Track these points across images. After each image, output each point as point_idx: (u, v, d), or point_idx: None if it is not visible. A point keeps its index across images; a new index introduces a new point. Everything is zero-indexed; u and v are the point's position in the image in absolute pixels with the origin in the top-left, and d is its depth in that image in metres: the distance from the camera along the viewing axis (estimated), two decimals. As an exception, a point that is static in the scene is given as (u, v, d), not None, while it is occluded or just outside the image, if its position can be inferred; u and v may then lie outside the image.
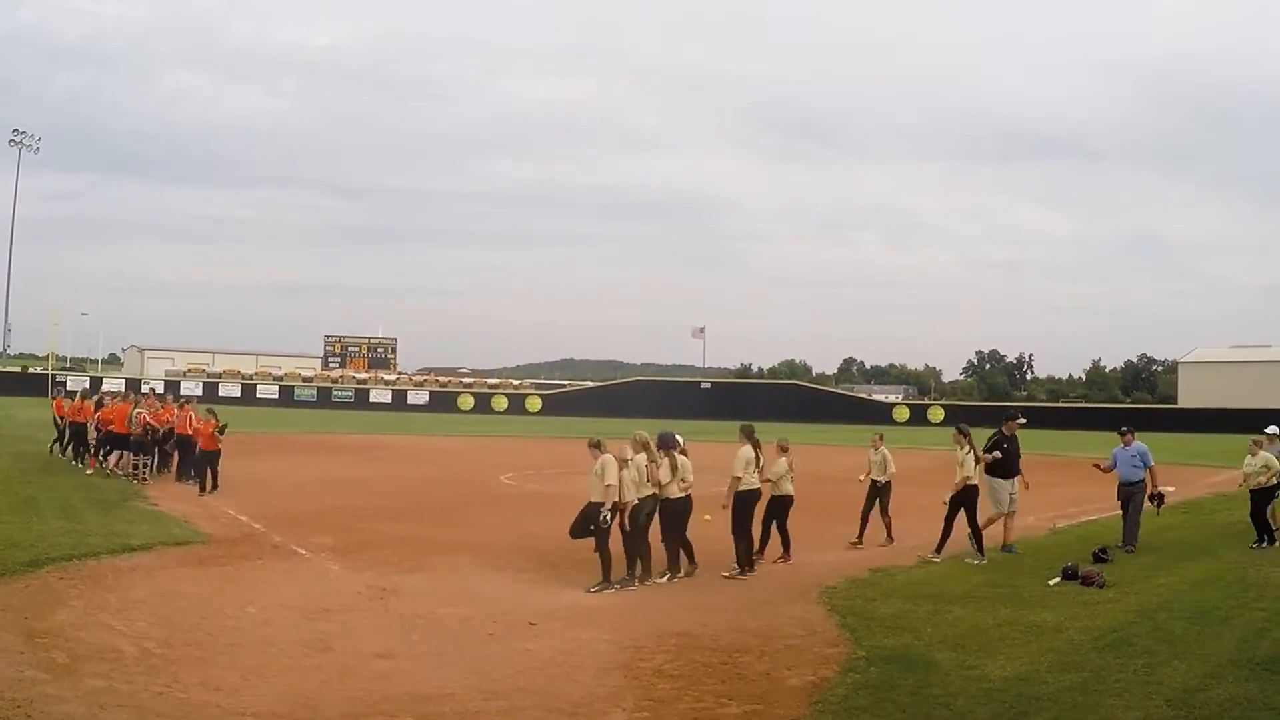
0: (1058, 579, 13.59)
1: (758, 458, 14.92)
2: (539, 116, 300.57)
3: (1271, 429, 18.46)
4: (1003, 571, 14.47)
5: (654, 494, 13.90)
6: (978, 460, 16.31)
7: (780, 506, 15.58)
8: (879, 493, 17.91)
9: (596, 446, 13.70)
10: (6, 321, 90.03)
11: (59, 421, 29.10)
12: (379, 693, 8.73)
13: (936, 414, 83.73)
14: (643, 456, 13.89)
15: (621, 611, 12.12)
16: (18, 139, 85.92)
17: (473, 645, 10.48)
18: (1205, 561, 15.37)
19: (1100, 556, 14.95)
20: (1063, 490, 26.92)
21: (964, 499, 16.13)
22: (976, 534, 16.02)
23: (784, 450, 15.75)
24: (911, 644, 10.36)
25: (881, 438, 18.51)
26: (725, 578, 14.24)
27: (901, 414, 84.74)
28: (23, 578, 12.41)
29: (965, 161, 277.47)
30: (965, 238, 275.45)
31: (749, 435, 15.12)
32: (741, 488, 14.66)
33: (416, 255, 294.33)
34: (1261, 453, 17.50)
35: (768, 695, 8.81)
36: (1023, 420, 18.49)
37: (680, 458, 14.26)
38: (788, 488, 15.52)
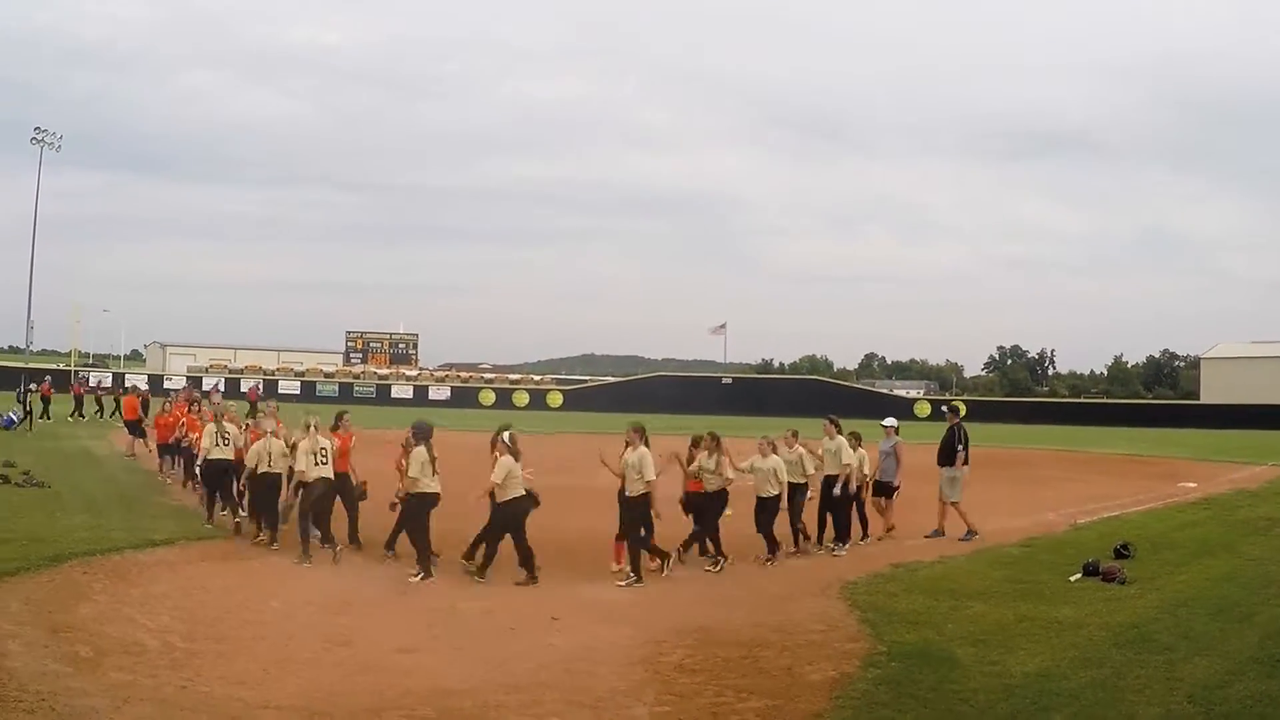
0: (1079, 575, 13.54)
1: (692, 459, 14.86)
2: (552, 115, 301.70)
3: (890, 420, 18.48)
4: (1024, 567, 14.42)
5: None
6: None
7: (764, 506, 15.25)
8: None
9: (639, 434, 14.22)
10: (30, 318, 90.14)
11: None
12: (400, 686, 8.77)
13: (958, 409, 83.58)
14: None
15: (643, 606, 12.15)
16: (39, 137, 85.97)
17: (494, 639, 10.51)
18: (1227, 557, 15.29)
19: (1121, 552, 14.88)
20: (1083, 486, 26.82)
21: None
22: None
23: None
24: (932, 639, 10.35)
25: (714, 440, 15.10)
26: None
27: (923, 409, 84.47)
28: (46, 572, 12.45)
29: (975, 158, 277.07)
30: (978, 234, 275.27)
31: (642, 435, 14.42)
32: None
33: (437, 252, 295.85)
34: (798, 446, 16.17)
35: (788, 690, 8.82)
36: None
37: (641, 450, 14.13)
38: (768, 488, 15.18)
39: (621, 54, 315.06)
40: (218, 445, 16.93)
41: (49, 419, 41.00)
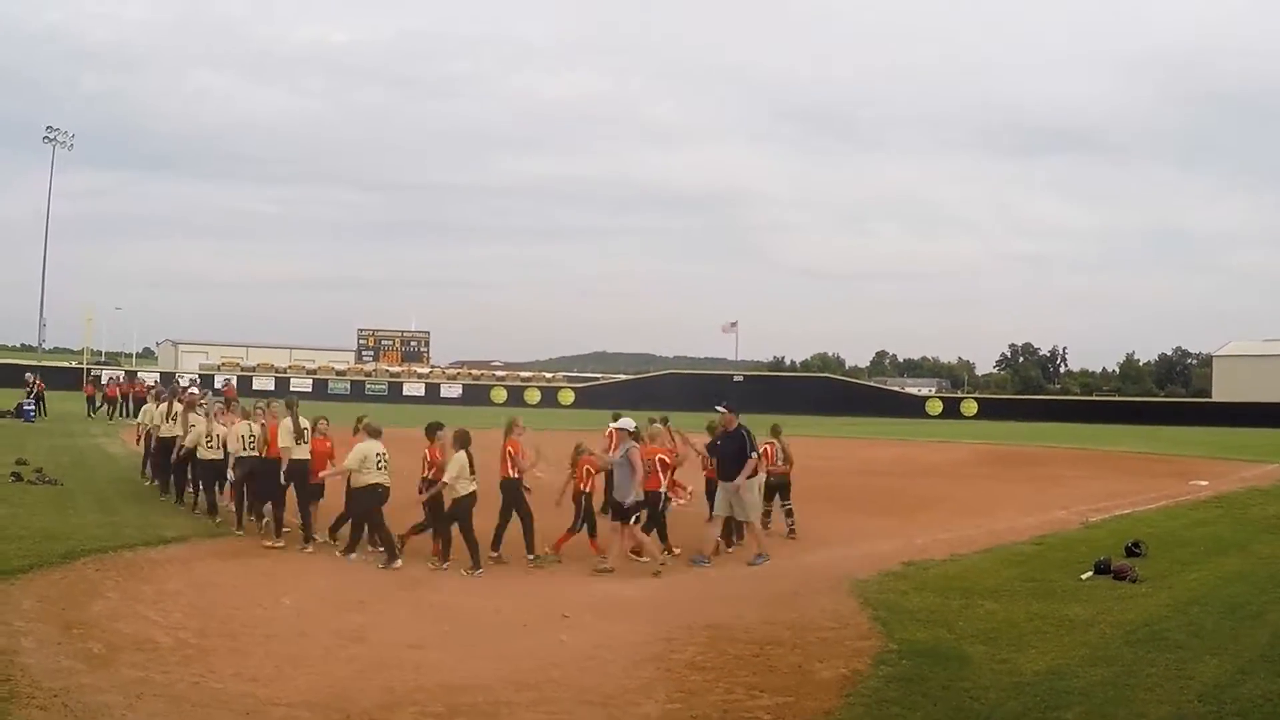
0: (1090, 573, 13.52)
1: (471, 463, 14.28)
2: (563, 111, 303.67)
3: (624, 422, 15.74)
4: (1035, 565, 14.40)
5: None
6: None
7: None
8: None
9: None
10: (42, 317, 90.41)
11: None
12: (412, 683, 8.80)
13: (970, 407, 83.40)
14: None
15: (654, 604, 12.16)
16: (52, 136, 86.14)
17: (505, 637, 10.53)
18: (1238, 556, 15.26)
19: (1133, 550, 14.84)
20: (1095, 484, 26.77)
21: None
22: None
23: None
24: (943, 637, 10.34)
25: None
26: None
27: (935, 407, 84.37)
28: (59, 569, 12.51)
29: (985, 154, 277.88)
30: (989, 231, 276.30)
31: (463, 442, 14.33)
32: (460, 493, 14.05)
33: (448, 249, 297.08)
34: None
35: (799, 687, 8.82)
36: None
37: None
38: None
39: (631, 50, 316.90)
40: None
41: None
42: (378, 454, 14.52)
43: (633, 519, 14.36)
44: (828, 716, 8.10)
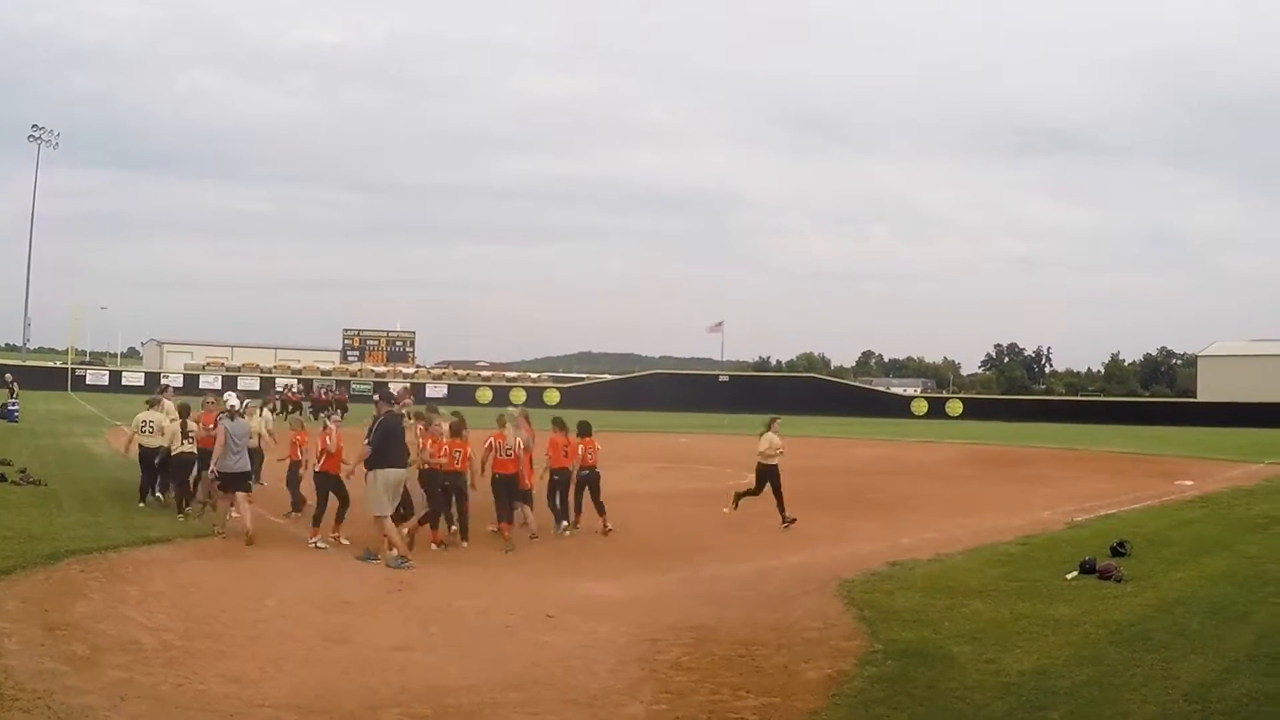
0: (1075, 573, 13.53)
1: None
2: (552, 113, 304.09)
3: (231, 400, 16.65)
4: (1020, 565, 14.41)
5: None
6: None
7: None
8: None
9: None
10: (27, 316, 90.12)
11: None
12: (397, 684, 8.76)
13: (955, 407, 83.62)
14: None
15: (639, 604, 12.13)
16: (37, 135, 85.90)
17: (490, 638, 10.50)
18: (1223, 556, 15.29)
19: (1118, 550, 14.86)
20: (1080, 484, 26.83)
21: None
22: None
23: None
24: (929, 637, 10.33)
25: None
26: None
27: (920, 407, 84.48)
28: (43, 570, 12.44)
29: (976, 156, 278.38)
30: (978, 232, 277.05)
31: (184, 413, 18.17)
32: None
33: (434, 250, 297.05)
34: None
35: (785, 688, 8.81)
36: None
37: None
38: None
39: (623, 52, 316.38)
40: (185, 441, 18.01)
41: None
42: (144, 421, 18.62)
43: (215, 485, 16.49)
44: (813, 717, 8.09)
